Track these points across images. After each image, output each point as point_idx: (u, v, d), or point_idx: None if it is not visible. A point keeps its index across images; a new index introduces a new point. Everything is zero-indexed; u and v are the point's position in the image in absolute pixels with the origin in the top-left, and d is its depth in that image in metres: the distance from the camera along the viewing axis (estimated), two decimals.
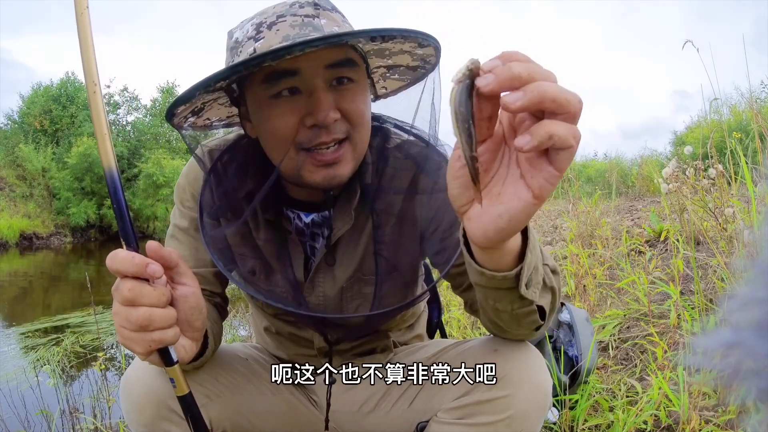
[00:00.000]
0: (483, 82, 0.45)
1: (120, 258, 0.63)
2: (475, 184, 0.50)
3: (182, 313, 0.68)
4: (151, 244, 0.65)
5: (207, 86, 0.71)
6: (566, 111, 0.45)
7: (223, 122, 0.95)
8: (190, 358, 0.73)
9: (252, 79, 0.77)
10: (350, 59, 0.78)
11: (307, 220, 0.93)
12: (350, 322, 0.95)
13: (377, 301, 0.93)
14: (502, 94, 0.45)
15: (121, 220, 0.66)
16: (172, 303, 0.67)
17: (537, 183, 0.49)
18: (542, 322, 0.77)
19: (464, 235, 0.64)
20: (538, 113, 0.47)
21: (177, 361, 0.69)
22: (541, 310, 0.75)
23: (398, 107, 0.94)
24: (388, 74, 0.93)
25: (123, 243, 0.66)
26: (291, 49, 0.65)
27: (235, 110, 0.89)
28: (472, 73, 0.47)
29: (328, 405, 1.00)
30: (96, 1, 0.67)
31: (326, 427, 1.01)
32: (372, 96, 0.92)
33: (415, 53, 0.83)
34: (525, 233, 0.64)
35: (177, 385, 0.71)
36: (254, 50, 0.75)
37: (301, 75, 0.75)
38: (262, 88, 0.76)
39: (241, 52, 0.77)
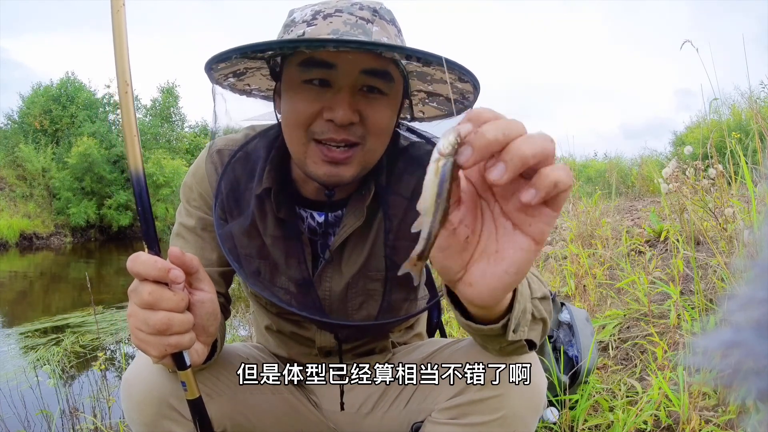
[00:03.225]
0: (464, 159, 0.43)
1: (142, 261, 0.63)
2: (421, 260, 0.48)
3: (198, 319, 0.69)
4: (173, 250, 0.66)
5: (243, 52, 0.74)
6: (547, 159, 0.43)
7: (262, 93, 0.98)
8: (201, 362, 0.73)
9: (292, 59, 0.80)
10: (387, 72, 0.79)
11: (320, 219, 0.94)
12: (360, 323, 0.96)
13: (386, 302, 0.93)
14: (487, 174, 0.44)
15: (145, 223, 0.66)
16: (189, 308, 0.67)
17: (537, 229, 0.47)
18: (531, 351, 0.78)
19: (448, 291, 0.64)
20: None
21: (189, 365, 0.70)
22: (530, 341, 0.75)
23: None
24: (427, 100, 0.95)
25: (145, 246, 0.66)
26: (324, 44, 0.69)
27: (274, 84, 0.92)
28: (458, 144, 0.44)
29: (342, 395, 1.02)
30: (96, 1, 0.66)
31: (342, 408, 1.03)
32: (408, 116, 0.96)
33: (455, 86, 0.83)
34: None
35: (188, 388, 0.71)
36: (303, 33, 0.78)
37: (335, 70, 0.77)
38: (297, 71, 0.79)
39: (292, 31, 0.80)
